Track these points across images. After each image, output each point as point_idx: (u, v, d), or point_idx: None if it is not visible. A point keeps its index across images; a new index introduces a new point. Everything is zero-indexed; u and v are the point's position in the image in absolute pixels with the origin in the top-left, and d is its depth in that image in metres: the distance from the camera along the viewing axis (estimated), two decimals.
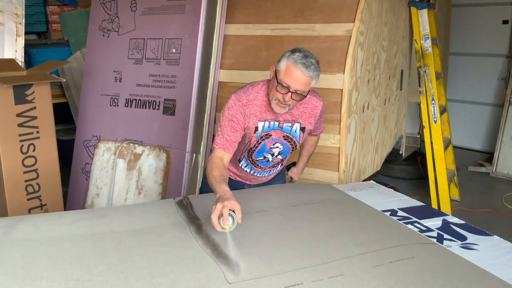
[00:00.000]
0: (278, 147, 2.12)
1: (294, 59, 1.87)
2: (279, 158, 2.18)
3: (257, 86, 2.06)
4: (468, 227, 1.93)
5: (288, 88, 1.89)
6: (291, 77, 1.87)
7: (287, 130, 2.10)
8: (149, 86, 3.30)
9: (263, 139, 2.09)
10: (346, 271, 1.43)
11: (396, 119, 3.90)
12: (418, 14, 3.76)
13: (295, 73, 1.87)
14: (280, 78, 1.90)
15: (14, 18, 2.99)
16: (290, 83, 1.88)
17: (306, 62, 1.86)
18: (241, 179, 2.29)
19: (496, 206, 4.17)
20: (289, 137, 2.12)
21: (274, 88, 1.93)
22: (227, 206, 1.59)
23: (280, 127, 2.08)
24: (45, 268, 1.40)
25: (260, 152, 2.13)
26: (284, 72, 1.89)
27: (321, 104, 2.16)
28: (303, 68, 1.86)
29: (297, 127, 2.11)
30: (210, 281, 1.36)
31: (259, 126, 2.04)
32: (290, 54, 1.90)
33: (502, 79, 5.45)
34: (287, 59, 1.90)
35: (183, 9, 3.20)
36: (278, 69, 1.92)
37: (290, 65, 1.87)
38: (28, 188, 2.76)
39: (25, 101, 2.70)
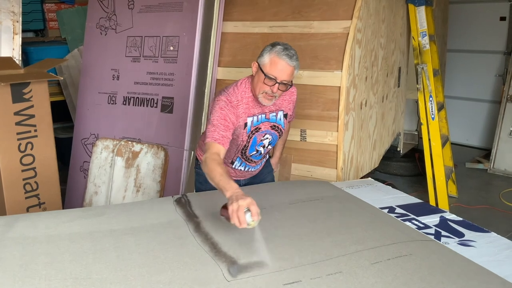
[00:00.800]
0: (267, 138, 2.19)
1: (277, 52, 1.95)
2: (268, 148, 2.26)
3: (241, 85, 2.10)
4: (465, 224, 1.94)
5: (275, 80, 1.96)
6: (277, 68, 1.95)
7: (273, 120, 2.18)
8: (147, 84, 3.30)
9: (253, 133, 2.14)
10: (345, 268, 1.44)
11: (394, 116, 3.90)
12: (416, 11, 3.76)
13: (280, 64, 1.94)
14: (267, 71, 1.96)
15: (11, 16, 2.98)
16: (276, 75, 1.95)
17: (288, 53, 1.95)
18: (235, 177, 2.30)
19: (493, 203, 4.18)
20: (276, 126, 2.20)
21: (260, 82, 1.99)
22: (250, 203, 1.55)
23: (267, 118, 2.16)
24: (44, 267, 1.40)
25: (252, 147, 2.18)
26: (269, 65, 1.96)
27: (295, 89, 2.25)
28: (287, 59, 1.94)
29: (281, 115, 2.20)
30: (208, 279, 1.37)
31: (247, 122, 2.10)
32: (271, 48, 1.98)
33: (500, 76, 5.46)
34: (269, 52, 1.97)
35: (181, 7, 3.20)
36: (263, 63, 1.98)
37: (275, 57, 1.95)
38: (26, 186, 2.75)
39: (23, 100, 2.69)
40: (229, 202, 1.57)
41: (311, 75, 2.89)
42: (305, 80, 2.90)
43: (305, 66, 2.90)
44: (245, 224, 1.53)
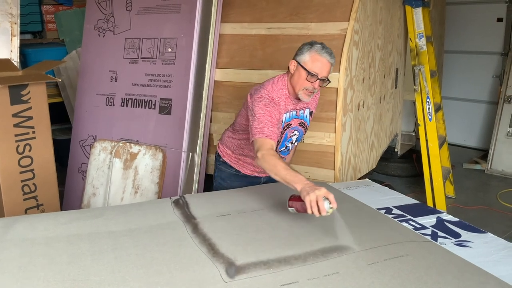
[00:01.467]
0: (295, 134, 2.30)
1: (317, 49, 2.06)
2: (295, 144, 2.38)
3: (278, 82, 2.18)
4: (462, 225, 1.95)
5: (317, 76, 2.07)
6: (318, 65, 2.06)
7: (302, 117, 2.28)
8: (145, 86, 3.30)
9: (285, 129, 2.24)
10: (342, 269, 1.44)
11: (391, 117, 3.91)
12: (413, 13, 3.77)
13: (322, 61, 2.06)
14: (309, 68, 2.06)
15: (9, 18, 2.99)
16: (318, 71, 2.06)
17: (328, 50, 2.08)
18: (258, 174, 2.40)
19: (491, 203, 4.19)
20: (303, 123, 2.30)
21: (301, 79, 2.09)
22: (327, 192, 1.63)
23: (297, 115, 2.26)
24: (42, 268, 1.41)
25: (283, 143, 2.28)
26: (311, 62, 2.06)
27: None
28: (328, 56, 2.07)
29: (307, 112, 2.31)
30: (206, 280, 1.37)
31: (284, 118, 2.20)
32: (310, 47, 2.08)
33: (497, 77, 5.48)
34: (309, 51, 2.07)
35: (179, 9, 3.20)
36: (304, 61, 2.08)
37: (316, 54, 2.06)
38: (24, 188, 2.76)
39: (21, 101, 2.70)
40: (303, 193, 1.65)
41: None
42: None
43: None
44: (325, 212, 1.61)
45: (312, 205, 1.62)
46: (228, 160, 2.40)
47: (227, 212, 1.87)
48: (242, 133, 2.30)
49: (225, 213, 1.86)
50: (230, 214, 1.86)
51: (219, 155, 2.44)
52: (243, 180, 2.38)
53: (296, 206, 1.76)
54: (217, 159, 2.46)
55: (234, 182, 2.37)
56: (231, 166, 2.40)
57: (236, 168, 2.39)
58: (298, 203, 1.74)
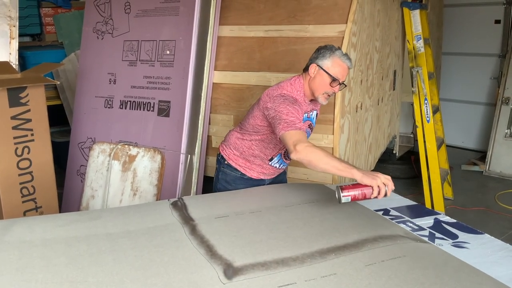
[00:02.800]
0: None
1: (339, 56, 2.13)
2: None
3: (295, 83, 2.19)
4: (459, 226, 1.96)
5: (339, 81, 2.14)
6: (340, 71, 2.13)
7: (311, 119, 2.32)
8: (144, 88, 3.31)
9: None
10: (339, 270, 1.45)
11: (390, 119, 3.93)
12: (411, 15, 3.79)
13: (344, 67, 2.13)
14: (332, 73, 2.12)
15: (8, 21, 2.99)
16: (340, 76, 2.13)
17: (348, 56, 2.15)
18: (264, 176, 2.38)
19: (489, 205, 4.20)
20: (311, 125, 2.34)
21: (323, 83, 2.14)
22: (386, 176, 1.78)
23: (308, 117, 2.29)
24: (40, 270, 1.41)
25: None
26: (334, 68, 2.12)
27: None
28: (348, 62, 2.15)
29: (315, 115, 2.35)
30: (204, 282, 1.38)
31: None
32: (331, 52, 2.13)
33: (495, 78, 5.49)
34: (331, 56, 2.12)
35: (177, 11, 3.21)
36: (327, 66, 2.12)
37: (339, 60, 2.12)
38: (23, 190, 2.76)
39: (19, 104, 2.70)
40: (368, 180, 1.75)
41: None
42: None
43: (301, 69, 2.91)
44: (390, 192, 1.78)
45: (381, 188, 1.74)
46: (234, 163, 2.34)
47: (225, 214, 1.87)
48: (254, 134, 2.25)
49: (223, 214, 1.87)
50: (228, 215, 1.86)
51: (223, 157, 2.38)
52: (248, 183, 2.34)
53: (355, 195, 1.79)
54: (220, 162, 2.39)
55: (239, 185, 2.33)
56: (236, 169, 2.34)
57: (242, 172, 2.34)
58: (357, 190, 1.79)
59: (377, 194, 1.74)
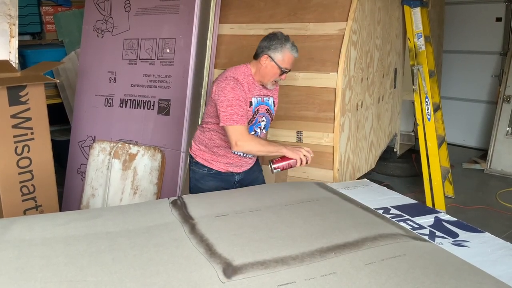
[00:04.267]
0: (264, 120, 2.41)
1: (288, 48, 2.25)
2: (263, 132, 2.45)
3: (239, 68, 2.32)
4: (460, 224, 1.95)
5: (288, 70, 2.30)
6: (290, 63, 2.28)
7: (267, 103, 2.40)
8: (144, 86, 3.31)
9: (256, 114, 2.35)
10: (339, 269, 1.44)
11: (390, 117, 3.91)
12: (411, 12, 3.77)
13: (293, 59, 2.29)
14: (282, 65, 2.25)
15: (8, 19, 2.99)
16: (288, 67, 2.29)
17: (296, 48, 2.29)
18: (231, 169, 2.41)
19: (490, 203, 4.19)
20: (269, 110, 2.42)
21: (274, 74, 2.28)
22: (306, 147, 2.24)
23: (263, 101, 2.38)
24: (39, 269, 1.41)
25: (251, 127, 2.35)
26: (286, 60, 2.26)
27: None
28: (296, 54, 2.29)
29: (272, 100, 2.44)
30: (203, 281, 1.37)
31: (253, 101, 2.32)
32: (282, 45, 2.24)
33: (496, 77, 5.48)
34: (282, 50, 2.24)
35: (177, 9, 3.21)
36: (278, 58, 2.25)
37: (288, 54, 2.25)
38: (23, 189, 2.76)
39: (19, 103, 2.70)
40: (292, 153, 2.20)
41: (307, 76, 2.90)
42: (301, 82, 2.91)
43: (301, 67, 2.91)
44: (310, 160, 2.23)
45: (303, 159, 2.20)
46: (201, 159, 2.41)
47: (225, 213, 1.87)
48: (211, 123, 2.34)
49: (223, 213, 1.86)
50: (228, 214, 1.86)
51: (192, 156, 2.46)
52: (216, 178, 2.40)
53: (283, 166, 2.24)
54: (190, 161, 2.48)
55: (209, 181, 2.40)
56: (203, 165, 2.40)
57: (209, 167, 2.39)
58: (284, 162, 2.23)
59: (299, 163, 2.20)
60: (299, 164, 2.21)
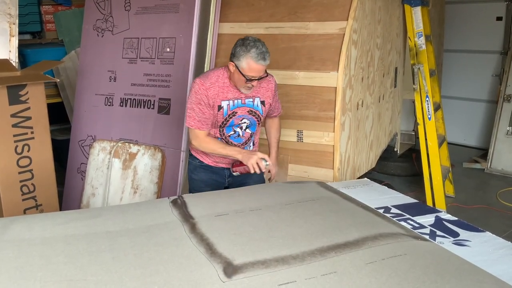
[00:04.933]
0: (245, 122, 2.38)
1: (252, 56, 2.15)
2: (248, 132, 2.41)
3: (217, 70, 2.33)
4: (460, 224, 1.95)
5: (255, 78, 2.21)
6: (255, 71, 2.18)
7: (250, 105, 2.36)
8: (144, 86, 3.30)
9: (230, 117, 2.34)
10: (339, 268, 1.44)
11: (391, 116, 3.91)
12: (412, 12, 3.77)
13: (258, 67, 2.17)
14: (246, 74, 2.18)
15: (8, 18, 2.98)
16: (255, 75, 2.19)
17: (262, 55, 2.16)
18: (221, 164, 2.46)
19: (490, 202, 4.19)
20: (253, 111, 2.38)
21: (240, 81, 2.23)
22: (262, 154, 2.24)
23: (243, 103, 2.35)
24: (39, 268, 1.41)
25: (229, 127, 2.36)
26: (248, 69, 2.17)
27: (273, 79, 2.45)
28: (263, 62, 2.17)
29: (258, 101, 2.39)
30: (203, 280, 1.37)
31: (223, 105, 2.30)
32: (245, 52, 2.15)
33: (496, 76, 5.47)
34: (245, 58, 2.16)
35: (177, 8, 3.20)
36: (241, 67, 2.18)
37: (251, 62, 2.15)
38: (23, 188, 2.75)
39: (19, 102, 2.70)
40: (245, 159, 2.23)
41: (307, 76, 2.90)
42: (302, 81, 2.91)
43: (301, 67, 2.91)
44: (264, 169, 2.22)
45: (255, 166, 2.20)
46: (194, 151, 2.50)
47: (225, 212, 1.86)
48: None
49: (223, 212, 1.86)
50: (228, 213, 1.86)
51: (189, 148, 2.55)
52: (208, 171, 2.47)
53: (240, 170, 2.34)
54: (189, 153, 2.57)
55: (200, 173, 2.47)
56: (196, 157, 2.49)
57: (199, 159, 2.47)
58: (241, 167, 2.31)
59: (252, 170, 2.22)
60: (252, 171, 2.22)
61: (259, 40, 2.20)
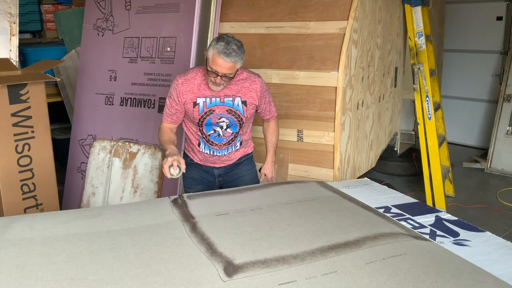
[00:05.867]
0: (224, 121, 2.34)
1: (217, 49, 2.11)
2: (229, 132, 2.36)
3: (197, 67, 2.35)
4: (460, 224, 1.95)
5: (217, 73, 2.15)
6: (217, 64, 2.13)
7: (229, 104, 2.32)
8: (144, 85, 3.30)
9: (207, 115, 2.31)
10: (339, 268, 1.44)
11: (391, 116, 3.91)
12: (412, 11, 3.77)
13: (219, 61, 2.12)
14: (209, 65, 2.16)
15: (8, 18, 2.98)
16: (217, 69, 2.14)
17: (227, 51, 2.10)
18: (209, 163, 2.48)
19: (490, 202, 4.19)
20: (233, 111, 2.33)
21: (206, 72, 2.21)
22: (176, 159, 2.11)
23: (222, 102, 2.31)
24: (40, 268, 1.41)
25: (208, 126, 2.34)
26: (211, 60, 2.14)
27: (259, 80, 2.38)
28: (225, 57, 2.10)
29: (238, 101, 2.33)
30: (204, 279, 1.37)
31: (198, 102, 2.29)
32: (215, 44, 2.14)
33: (496, 75, 5.47)
34: (212, 48, 2.14)
35: (178, 8, 3.20)
36: (207, 57, 2.17)
37: (215, 54, 2.12)
38: (23, 187, 2.76)
39: (20, 101, 2.70)
40: (164, 160, 2.13)
41: (307, 75, 2.90)
42: (302, 80, 2.91)
43: (302, 66, 2.91)
44: (169, 175, 2.10)
45: (165, 171, 2.11)
46: (186, 149, 2.55)
47: (226, 211, 1.87)
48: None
49: (224, 212, 1.86)
50: (229, 213, 1.86)
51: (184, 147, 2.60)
52: (199, 169, 2.49)
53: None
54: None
55: (192, 171, 2.47)
56: (187, 155, 2.52)
57: (190, 157, 2.50)
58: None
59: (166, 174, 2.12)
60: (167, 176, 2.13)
61: (239, 42, 2.16)
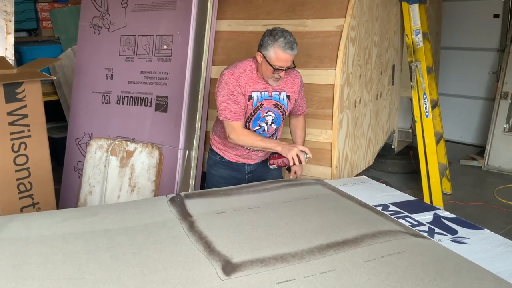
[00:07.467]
0: (270, 115, 2.40)
1: (280, 45, 2.17)
2: (273, 127, 2.43)
3: (244, 62, 2.35)
4: (459, 221, 1.95)
5: (282, 68, 2.23)
6: (282, 60, 2.20)
7: (276, 98, 2.38)
8: (141, 83, 3.29)
9: (258, 109, 2.36)
10: (338, 266, 1.44)
11: (388, 114, 3.91)
12: (409, 9, 3.77)
13: (285, 56, 2.19)
14: (274, 63, 2.20)
15: (4, 16, 2.96)
16: (283, 65, 2.21)
17: (289, 44, 2.18)
18: (242, 159, 2.51)
19: (488, 199, 4.20)
20: (279, 105, 2.39)
21: (268, 71, 2.24)
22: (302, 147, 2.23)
23: (270, 96, 2.36)
24: (37, 267, 1.40)
25: (255, 121, 2.38)
26: (276, 59, 2.19)
27: (299, 74, 2.48)
28: (290, 51, 2.19)
29: (284, 95, 2.40)
30: (202, 278, 1.37)
31: (253, 96, 2.32)
32: (273, 41, 2.18)
33: (493, 73, 5.48)
34: (273, 46, 2.19)
35: (174, 6, 3.19)
36: (268, 57, 2.21)
37: (278, 51, 2.18)
38: (20, 186, 2.74)
39: (16, 100, 2.68)
40: (285, 152, 2.21)
41: (305, 73, 2.88)
42: None
43: (299, 64, 2.89)
44: (304, 161, 2.20)
45: (295, 159, 2.18)
46: (215, 147, 2.55)
47: (224, 210, 1.86)
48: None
49: (222, 210, 1.85)
50: (227, 211, 1.85)
51: (210, 144, 2.60)
52: (228, 167, 2.51)
53: (277, 163, 2.34)
54: (209, 148, 2.62)
55: (220, 168, 2.51)
56: (217, 153, 2.54)
57: (221, 155, 2.52)
58: (279, 160, 2.31)
59: (292, 163, 2.20)
60: (291, 163, 2.22)
61: (287, 31, 2.23)
